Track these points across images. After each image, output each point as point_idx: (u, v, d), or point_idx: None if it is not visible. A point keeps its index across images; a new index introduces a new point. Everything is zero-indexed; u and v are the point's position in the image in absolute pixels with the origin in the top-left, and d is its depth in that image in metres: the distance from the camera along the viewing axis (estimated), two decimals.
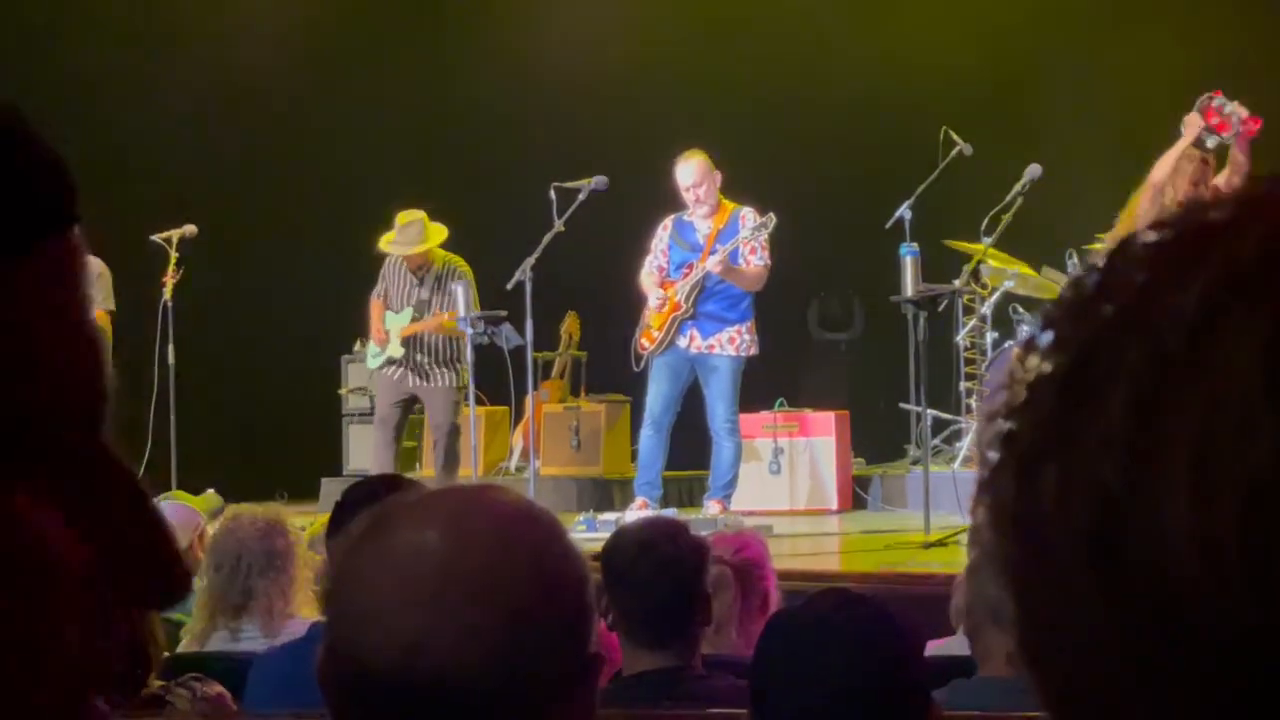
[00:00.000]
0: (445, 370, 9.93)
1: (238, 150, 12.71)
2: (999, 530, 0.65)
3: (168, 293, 10.70)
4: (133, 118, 12.49)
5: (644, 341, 9.30)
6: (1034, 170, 8.68)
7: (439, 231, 9.84)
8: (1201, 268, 0.62)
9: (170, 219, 10.90)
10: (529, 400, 9.75)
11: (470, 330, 9.44)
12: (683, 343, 9.16)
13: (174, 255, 10.74)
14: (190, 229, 10.77)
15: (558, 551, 1.42)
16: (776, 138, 12.08)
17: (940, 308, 9.04)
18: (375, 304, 10.05)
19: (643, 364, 9.87)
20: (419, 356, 9.94)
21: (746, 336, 9.18)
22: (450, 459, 9.94)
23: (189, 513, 5.50)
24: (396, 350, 9.89)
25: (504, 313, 9.62)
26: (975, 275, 9.13)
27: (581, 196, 9.21)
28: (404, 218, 9.80)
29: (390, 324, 9.92)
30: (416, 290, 9.94)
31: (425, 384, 9.94)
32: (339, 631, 1.40)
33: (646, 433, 9.35)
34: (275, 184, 12.70)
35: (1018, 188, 8.66)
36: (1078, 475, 0.62)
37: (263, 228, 12.63)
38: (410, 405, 10.09)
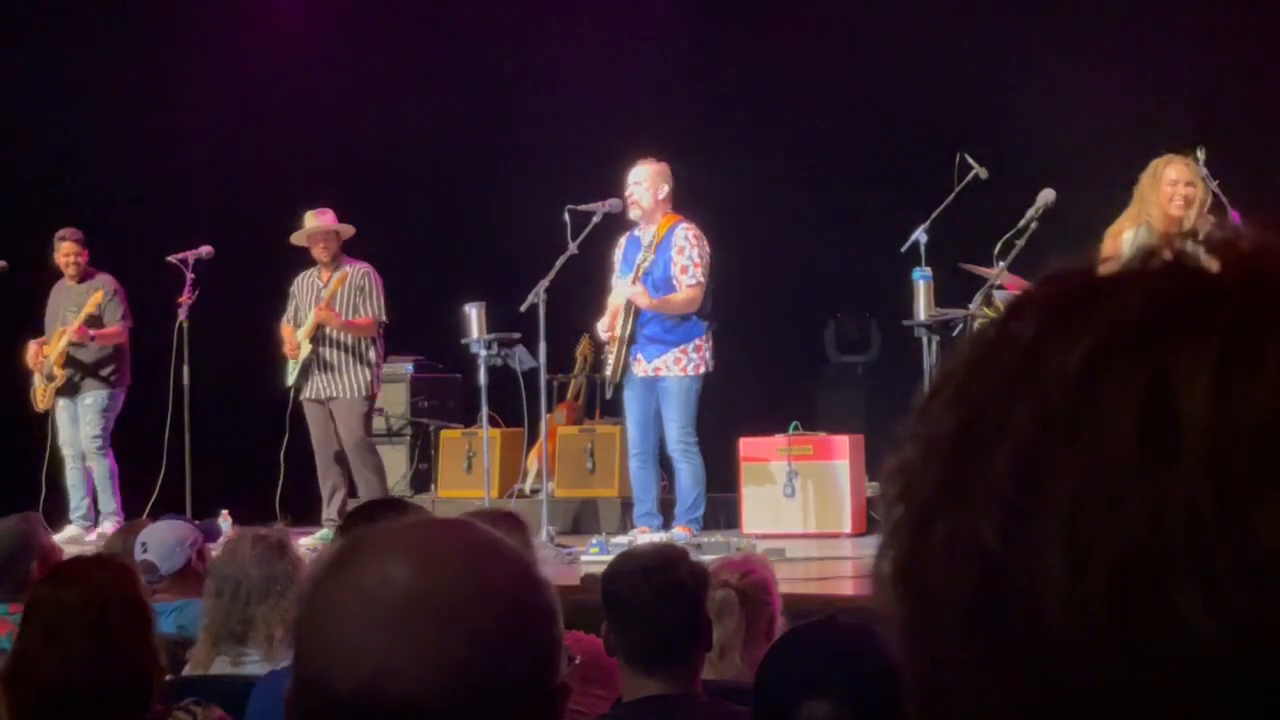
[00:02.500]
0: (354, 372, 10.05)
1: (254, 171, 12.74)
2: (894, 585, 0.65)
3: (183, 313, 10.73)
4: (150, 139, 12.54)
5: (607, 370, 9.38)
6: (1048, 195, 8.66)
7: (347, 228, 10.28)
8: (1086, 327, 0.61)
9: (186, 240, 10.93)
10: (543, 422, 9.75)
11: (483, 352, 9.47)
12: (635, 368, 9.19)
13: (190, 276, 10.77)
14: (206, 250, 10.81)
15: (526, 582, 1.42)
16: (793, 160, 12.08)
17: (955, 331, 9.02)
18: (285, 328, 10.31)
19: (609, 392, 9.95)
20: (327, 354, 10.09)
21: (694, 356, 9.15)
22: (365, 472, 10.02)
23: (186, 529, 5.50)
24: (306, 349, 10.06)
25: (518, 335, 9.64)
26: (988, 299, 9.10)
27: (596, 219, 9.22)
28: (315, 210, 10.26)
29: (300, 333, 10.16)
30: (324, 292, 10.14)
31: (334, 389, 10.12)
32: (306, 659, 1.40)
33: (634, 465, 9.39)
34: (291, 205, 12.72)
35: (1031, 212, 8.64)
36: (962, 533, 0.61)
37: (277, 249, 12.65)
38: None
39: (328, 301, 10.04)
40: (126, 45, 12.83)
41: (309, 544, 8.64)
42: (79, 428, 10.73)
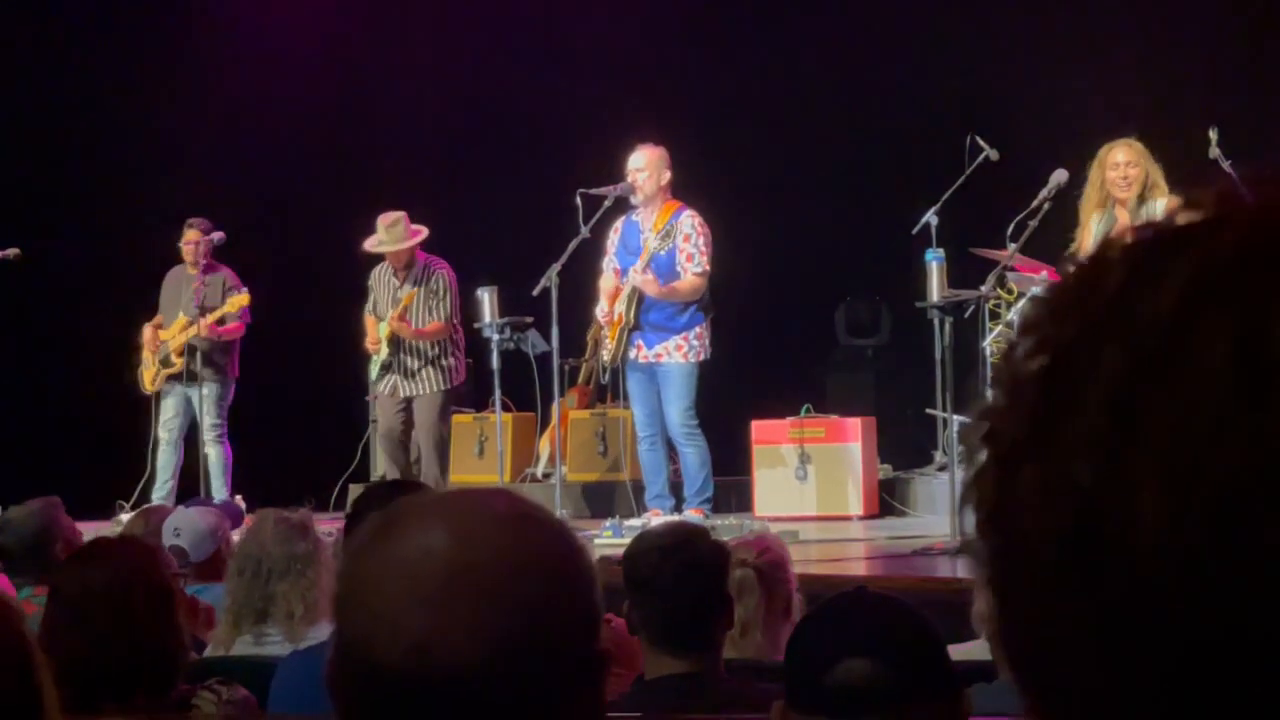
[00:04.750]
0: (432, 372, 10.11)
1: (265, 160, 12.77)
2: (980, 529, 0.66)
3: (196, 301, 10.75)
4: (158, 130, 12.58)
5: (604, 354, 9.39)
6: (1060, 176, 8.66)
7: (420, 231, 10.20)
8: (1177, 270, 0.63)
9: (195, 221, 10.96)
10: (555, 406, 9.76)
11: (495, 336, 9.48)
12: (633, 354, 9.21)
13: (203, 262, 10.79)
14: (219, 235, 10.83)
15: (565, 551, 1.43)
16: (803, 143, 12.07)
17: (966, 314, 9.02)
18: (368, 319, 10.37)
19: (606, 375, 9.95)
20: (405, 359, 10.13)
21: (695, 343, 9.18)
22: (433, 466, 10.09)
23: (217, 518, 5.52)
24: (384, 353, 10.12)
25: (530, 319, 9.65)
26: (1001, 281, 9.11)
27: (608, 203, 9.22)
28: (386, 219, 10.12)
29: (381, 332, 10.17)
30: (399, 293, 10.17)
31: (412, 388, 10.18)
32: (348, 633, 1.41)
33: (642, 448, 9.44)
34: (300, 192, 12.75)
35: (1044, 193, 8.64)
36: (1055, 475, 0.63)
37: (289, 236, 12.68)
38: (409, 412, 10.26)
39: (400, 313, 10.06)
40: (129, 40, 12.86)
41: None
42: (184, 415, 10.85)
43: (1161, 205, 8.28)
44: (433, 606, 1.36)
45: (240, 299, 10.67)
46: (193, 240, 10.77)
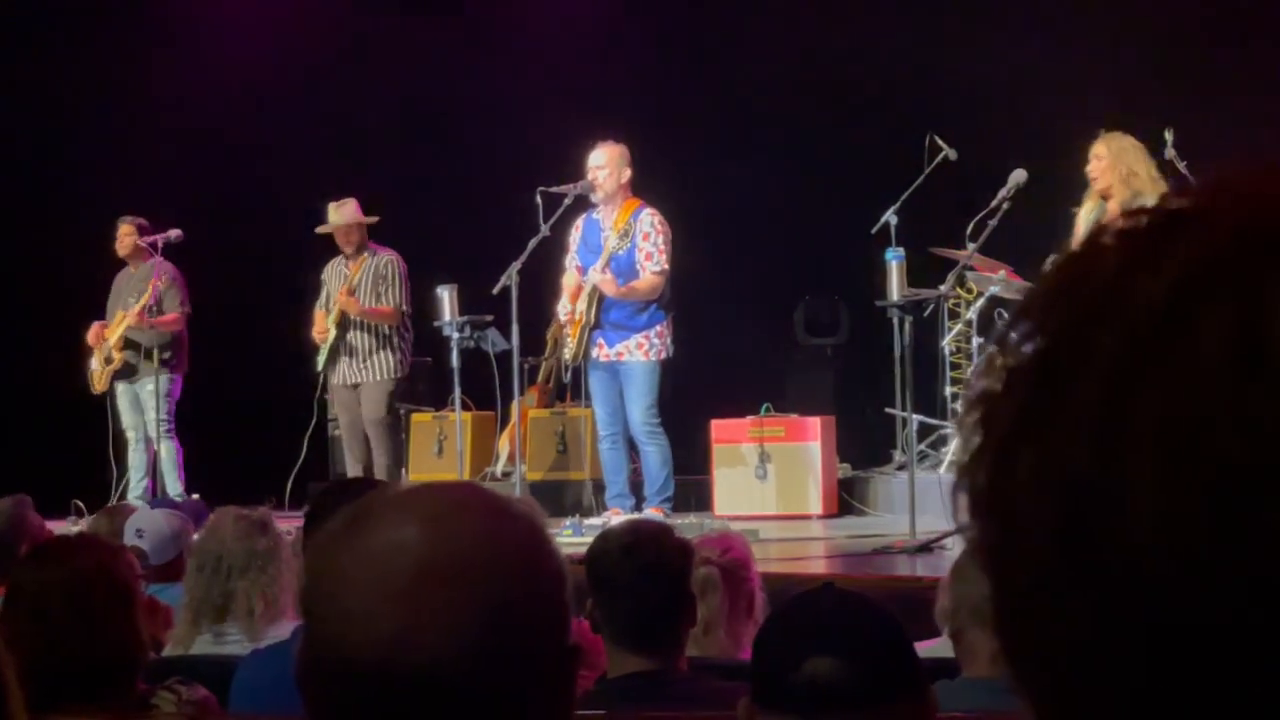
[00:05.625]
0: (379, 359, 10.14)
1: (216, 156, 12.71)
2: (976, 514, 0.66)
3: (154, 296, 10.69)
4: (105, 128, 12.52)
5: (564, 353, 9.39)
6: (1019, 176, 8.69)
7: (370, 218, 10.36)
8: (1173, 254, 0.63)
9: (157, 222, 10.89)
10: (515, 405, 9.75)
11: (455, 335, 9.46)
12: (595, 352, 9.22)
13: (159, 259, 10.73)
14: (175, 233, 10.77)
15: (536, 545, 1.42)
16: (762, 142, 12.08)
17: (926, 312, 9.05)
18: (317, 313, 10.42)
19: (569, 374, 9.96)
20: (354, 343, 10.15)
21: (657, 341, 9.19)
22: (384, 457, 10.10)
23: (181, 522, 5.48)
24: (333, 334, 10.14)
25: (490, 317, 9.63)
26: (960, 280, 9.14)
27: (568, 201, 9.22)
28: (336, 201, 10.30)
29: (329, 320, 10.27)
30: (353, 281, 10.23)
31: (359, 375, 10.24)
32: (318, 629, 1.39)
33: (603, 447, 9.46)
34: (262, 187, 12.69)
35: (1003, 193, 8.67)
36: (1050, 459, 0.62)
37: (248, 231, 12.62)
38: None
39: (348, 289, 10.09)
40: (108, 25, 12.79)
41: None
42: (139, 411, 10.79)
43: (1152, 199, 8.32)
44: (404, 602, 1.34)
45: (153, 285, 10.59)
46: (122, 234, 10.77)
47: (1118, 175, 8.37)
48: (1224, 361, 0.60)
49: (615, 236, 9.14)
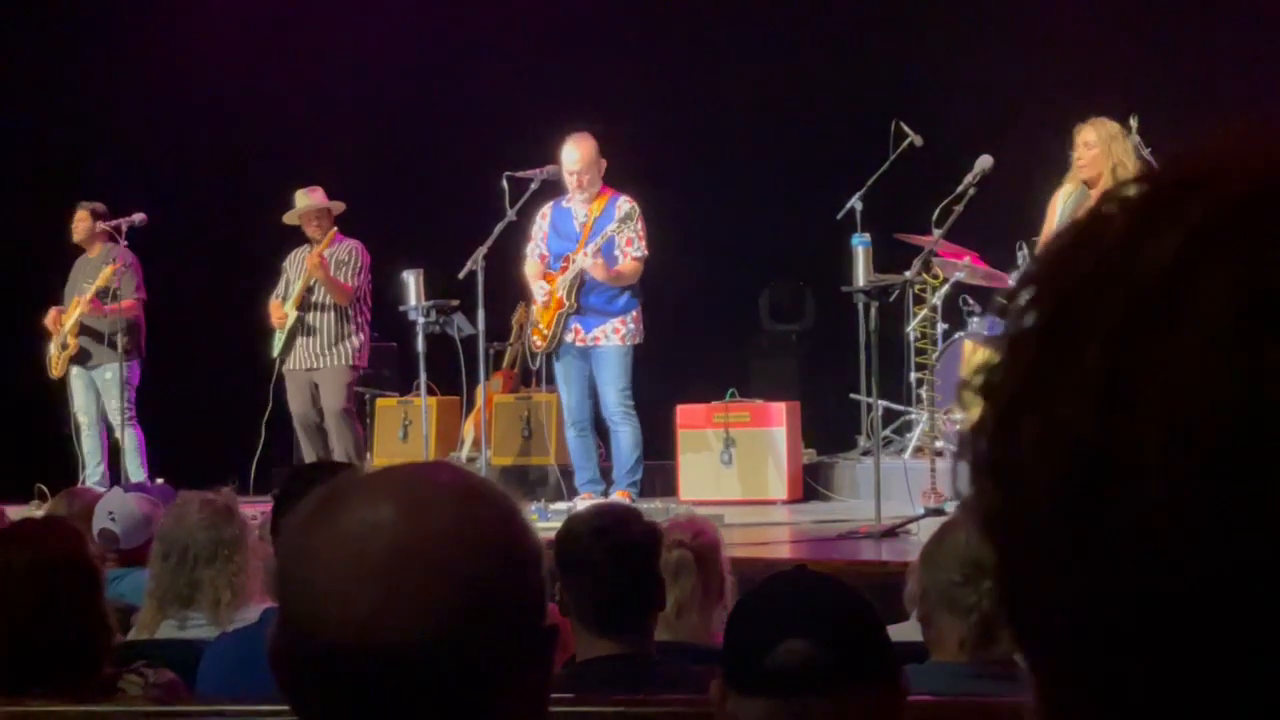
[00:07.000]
0: (338, 348, 10.14)
1: (192, 137, 12.65)
2: (979, 482, 0.65)
3: (117, 280, 10.63)
4: (71, 114, 12.45)
5: (535, 340, 9.36)
6: (985, 161, 8.70)
7: (338, 205, 10.34)
8: (1179, 217, 0.62)
9: (119, 206, 10.83)
10: (480, 390, 9.73)
11: (421, 319, 9.43)
12: (569, 337, 9.21)
13: (123, 243, 10.68)
14: (139, 217, 10.70)
15: (511, 526, 1.41)
16: (727, 127, 12.08)
17: (891, 298, 9.04)
18: (273, 303, 10.40)
19: (538, 362, 9.95)
20: (313, 321, 10.17)
21: (631, 326, 9.22)
22: (344, 444, 10.09)
23: (152, 505, 5.43)
24: (292, 317, 10.12)
25: (456, 302, 9.60)
26: (926, 266, 9.14)
27: (534, 186, 9.20)
28: (304, 189, 10.30)
29: (288, 305, 10.25)
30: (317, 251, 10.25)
31: (317, 361, 10.22)
32: (292, 610, 1.38)
33: (570, 434, 9.45)
34: (226, 172, 12.64)
35: (969, 179, 8.68)
36: (1056, 425, 0.62)
37: (212, 216, 12.57)
38: (319, 394, 10.31)
39: (317, 254, 10.11)
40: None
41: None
42: (94, 397, 10.76)
43: None
44: (380, 583, 1.33)
45: (106, 271, 10.55)
46: (76, 220, 10.74)
47: (1108, 165, 8.36)
48: (1234, 319, 0.60)
49: (615, 222, 9.11)
